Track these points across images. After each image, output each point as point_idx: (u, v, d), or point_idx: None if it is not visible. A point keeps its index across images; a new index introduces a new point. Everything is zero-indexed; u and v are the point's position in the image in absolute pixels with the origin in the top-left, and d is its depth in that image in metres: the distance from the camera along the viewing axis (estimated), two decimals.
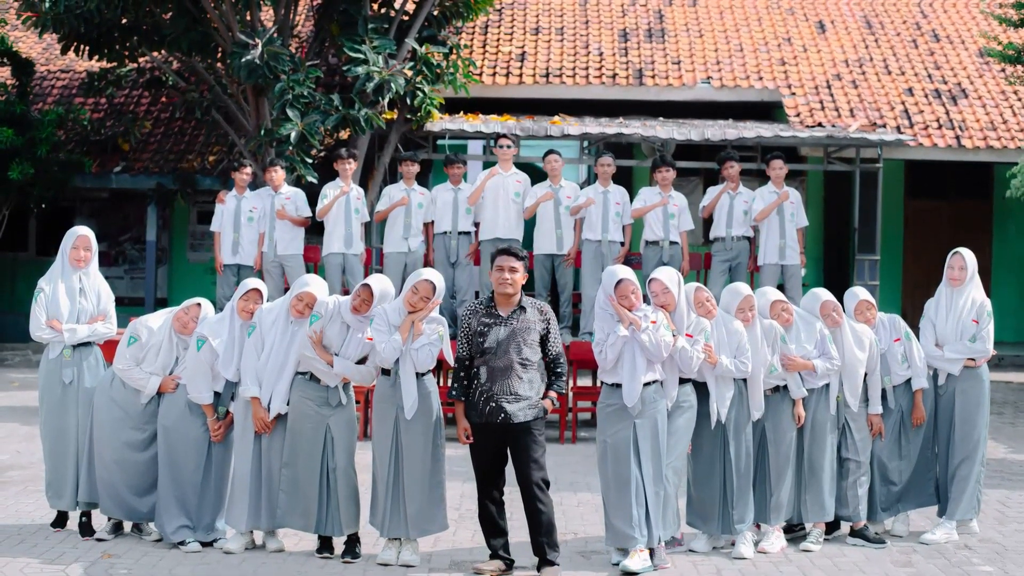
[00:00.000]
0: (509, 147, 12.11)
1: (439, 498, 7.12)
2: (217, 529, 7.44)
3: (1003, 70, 17.09)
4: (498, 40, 18.55)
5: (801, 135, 15.11)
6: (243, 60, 13.73)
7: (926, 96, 17.24)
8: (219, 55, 15.58)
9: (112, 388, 7.43)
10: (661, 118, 16.42)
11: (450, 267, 11.83)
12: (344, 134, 15.22)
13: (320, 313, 7.17)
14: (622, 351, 6.94)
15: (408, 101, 14.66)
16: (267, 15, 16.93)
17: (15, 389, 13.82)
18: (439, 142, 15.80)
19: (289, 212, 12.11)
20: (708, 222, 12.66)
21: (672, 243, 11.90)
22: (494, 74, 17.62)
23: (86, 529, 7.56)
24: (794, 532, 7.76)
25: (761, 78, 17.62)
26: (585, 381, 12.34)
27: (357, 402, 7.93)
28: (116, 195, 17.88)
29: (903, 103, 17.06)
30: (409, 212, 12.00)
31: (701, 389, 7.34)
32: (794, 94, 17.21)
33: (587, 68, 17.80)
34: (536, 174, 12.69)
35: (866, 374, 7.70)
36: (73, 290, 7.64)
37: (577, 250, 12.00)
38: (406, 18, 15.47)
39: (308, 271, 12.04)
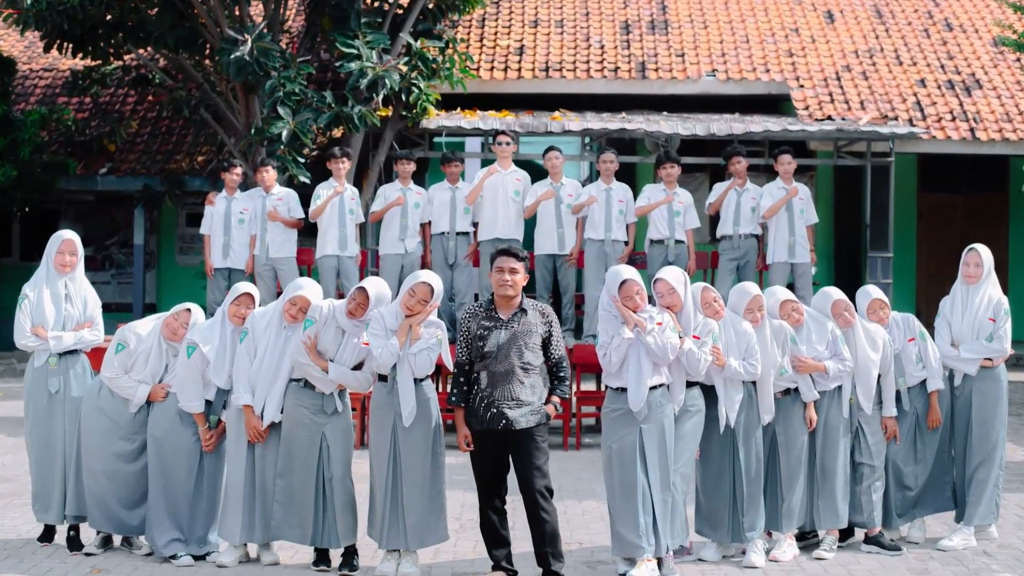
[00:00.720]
0: (508, 144, 12.02)
1: (439, 508, 7.06)
2: (210, 542, 7.36)
3: (1018, 59, 16.95)
4: (496, 33, 18.45)
5: (810, 129, 15.00)
6: (232, 57, 13.56)
7: (939, 87, 17.08)
8: (207, 52, 15.46)
9: (100, 397, 7.36)
10: (665, 112, 16.31)
11: (448, 269, 11.76)
12: (337, 132, 15.08)
13: (314, 318, 7.08)
14: (627, 354, 6.85)
15: (403, 97, 14.53)
16: (256, 10, 16.84)
17: None
18: (436, 140, 15.67)
19: (281, 213, 12.00)
20: (715, 220, 12.58)
21: (678, 242, 11.82)
22: (492, 69, 17.52)
23: (74, 543, 7.48)
24: (807, 539, 7.67)
25: (768, 70, 17.49)
26: (589, 385, 12.28)
27: (353, 409, 7.84)
28: (102, 197, 17.75)
29: (915, 95, 16.90)
30: (405, 212, 11.91)
31: (709, 393, 7.25)
32: (802, 86, 17.06)
33: (588, 61, 17.69)
34: (536, 172, 12.66)
35: (880, 375, 7.62)
36: (59, 296, 7.55)
37: (579, 250, 11.92)
38: (400, 12, 15.35)
39: (301, 274, 11.93)
